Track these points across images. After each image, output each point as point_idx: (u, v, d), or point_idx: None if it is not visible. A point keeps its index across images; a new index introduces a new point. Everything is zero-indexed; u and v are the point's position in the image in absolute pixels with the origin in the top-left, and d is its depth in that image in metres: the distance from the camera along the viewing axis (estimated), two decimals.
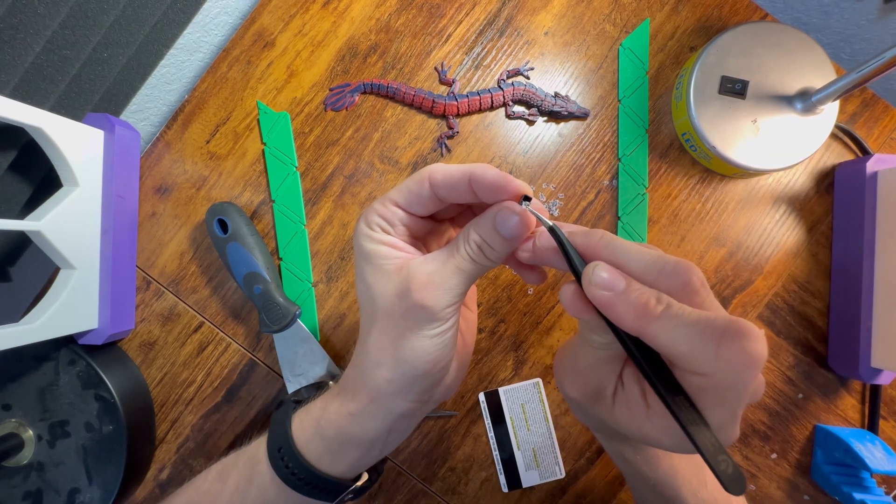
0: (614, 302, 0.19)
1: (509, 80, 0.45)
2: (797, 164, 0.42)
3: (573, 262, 0.21)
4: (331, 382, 0.42)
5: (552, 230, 0.22)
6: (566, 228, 0.23)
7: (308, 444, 0.27)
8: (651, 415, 0.22)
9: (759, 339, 0.18)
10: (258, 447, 0.29)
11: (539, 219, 0.23)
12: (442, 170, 0.23)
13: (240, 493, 0.28)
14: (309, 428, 0.28)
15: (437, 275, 0.23)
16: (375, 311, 0.24)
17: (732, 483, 0.18)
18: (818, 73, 0.41)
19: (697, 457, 0.28)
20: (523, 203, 0.22)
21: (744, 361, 0.18)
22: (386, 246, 0.24)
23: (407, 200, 0.24)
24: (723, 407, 0.19)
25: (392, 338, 0.24)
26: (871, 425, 0.44)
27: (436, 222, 0.27)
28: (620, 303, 0.19)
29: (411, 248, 0.25)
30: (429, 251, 0.28)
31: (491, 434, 0.45)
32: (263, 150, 0.45)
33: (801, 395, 0.45)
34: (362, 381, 0.26)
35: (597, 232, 0.22)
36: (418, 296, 0.23)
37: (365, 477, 0.31)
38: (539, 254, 0.23)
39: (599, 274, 0.20)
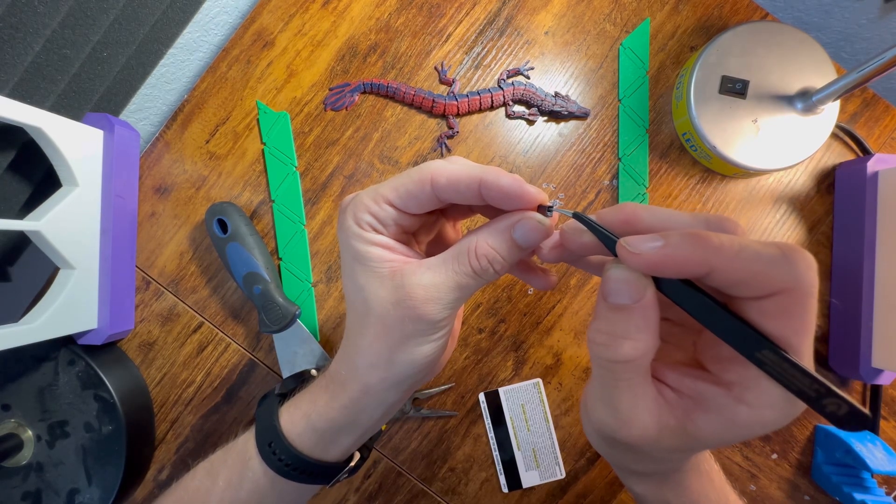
0: (670, 251, 0.17)
1: (509, 80, 0.45)
2: (798, 163, 0.42)
3: (608, 237, 0.20)
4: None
5: (577, 216, 0.21)
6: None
7: (300, 437, 0.27)
8: (689, 406, 0.20)
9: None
10: (246, 443, 0.29)
11: (565, 214, 0.22)
12: (447, 172, 0.22)
13: (232, 489, 0.29)
14: (300, 422, 0.28)
15: (434, 289, 0.23)
16: (369, 314, 0.24)
17: (851, 422, 0.16)
18: (819, 72, 0.41)
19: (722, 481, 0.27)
20: (547, 212, 0.22)
21: (811, 262, 0.17)
22: (378, 247, 0.23)
23: (403, 201, 0.23)
24: (803, 323, 0.18)
25: (388, 344, 0.24)
26: (872, 425, 0.44)
27: (427, 215, 0.26)
28: (676, 247, 0.17)
29: (404, 248, 0.25)
30: (419, 245, 0.27)
31: (491, 434, 0.45)
32: (263, 150, 0.45)
33: None
34: (353, 377, 0.26)
35: (626, 205, 0.20)
36: (417, 311, 0.23)
37: (357, 457, 0.31)
38: (570, 243, 0.22)
39: (639, 239, 0.18)
